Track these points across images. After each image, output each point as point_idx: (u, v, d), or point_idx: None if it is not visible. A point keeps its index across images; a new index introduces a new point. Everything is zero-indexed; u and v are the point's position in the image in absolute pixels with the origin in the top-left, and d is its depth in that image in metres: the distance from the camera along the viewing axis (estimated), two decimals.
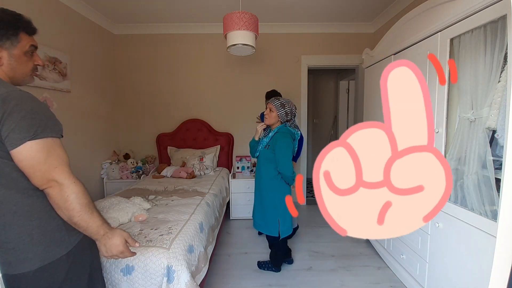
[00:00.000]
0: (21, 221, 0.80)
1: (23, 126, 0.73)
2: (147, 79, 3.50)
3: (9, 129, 0.72)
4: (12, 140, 0.73)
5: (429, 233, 1.61)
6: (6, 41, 0.82)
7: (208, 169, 3.11)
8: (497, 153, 1.23)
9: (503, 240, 0.64)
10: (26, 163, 0.75)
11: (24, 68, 0.87)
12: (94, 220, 0.86)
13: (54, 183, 0.78)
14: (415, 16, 1.73)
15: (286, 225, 1.86)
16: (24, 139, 0.74)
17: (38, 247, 0.82)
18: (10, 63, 0.83)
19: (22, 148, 0.74)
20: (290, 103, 1.87)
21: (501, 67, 1.16)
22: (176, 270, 1.29)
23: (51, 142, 0.79)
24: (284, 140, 1.78)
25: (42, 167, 0.77)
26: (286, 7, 2.90)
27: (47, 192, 0.79)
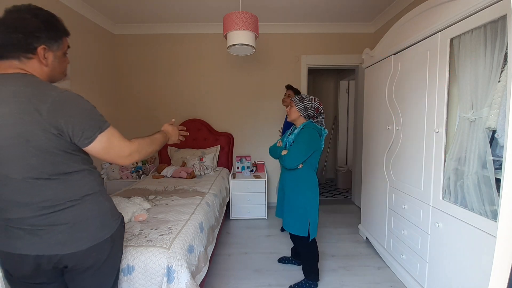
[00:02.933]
0: (79, 203, 0.91)
1: (91, 124, 0.85)
2: (147, 79, 3.49)
3: (81, 129, 0.83)
4: (87, 137, 0.84)
5: (429, 233, 1.61)
6: (54, 43, 0.90)
7: (208, 169, 3.11)
8: (497, 153, 1.23)
9: (503, 240, 0.64)
10: (102, 151, 0.89)
11: (62, 67, 0.96)
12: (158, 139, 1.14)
13: (130, 156, 0.96)
14: (415, 16, 1.73)
15: (314, 226, 1.78)
16: (96, 134, 0.86)
17: (91, 228, 0.93)
18: (53, 63, 0.91)
19: (97, 141, 0.87)
20: (312, 98, 1.80)
21: (501, 67, 1.16)
22: (176, 270, 1.29)
23: (111, 129, 0.92)
24: (307, 133, 1.72)
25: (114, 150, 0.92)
26: (286, 7, 2.90)
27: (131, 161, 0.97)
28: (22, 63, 0.85)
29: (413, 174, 1.78)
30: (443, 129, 1.48)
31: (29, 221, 0.86)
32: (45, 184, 0.84)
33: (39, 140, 0.79)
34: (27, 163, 0.81)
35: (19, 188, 0.83)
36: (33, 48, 0.84)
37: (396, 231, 1.98)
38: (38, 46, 0.84)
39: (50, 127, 0.79)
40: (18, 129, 0.77)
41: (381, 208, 2.21)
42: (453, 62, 1.43)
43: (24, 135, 0.78)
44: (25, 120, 0.77)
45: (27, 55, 0.85)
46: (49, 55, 0.88)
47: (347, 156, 4.93)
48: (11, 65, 0.84)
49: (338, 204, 3.75)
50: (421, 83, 1.66)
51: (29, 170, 0.82)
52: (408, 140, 1.84)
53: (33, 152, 0.80)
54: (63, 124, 0.79)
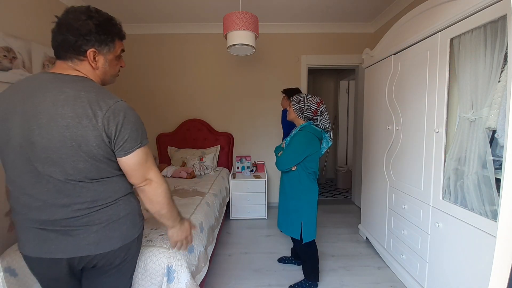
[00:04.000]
0: (114, 203, 0.91)
1: (133, 136, 0.85)
2: (147, 79, 3.49)
3: (123, 139, 0.84)
4: (126, 148, 0.85)
5: (429, 233, 1.61)
6: (105, 47, 0.89)
7: (208, 169, 3.11)
8: (497, 153, 1.23)
9: (503, 240, 0.64)
10: (133, 166, 0.89)
11: (113, 71, 0.97)
12: (176, 210, 1.06)
13: (149, 181, 0.93)
14: (415, 16, 1.73)
15: (309, 229, 1.77)
16: (134, 148, 0.87)
17: (123, 227, 0.94)
18: (104, 67, 0.91)
19: (133, 155, 0.87)
20: (309, 99, 1.74)
21: (501, 67, 1.16)
22: (176, 270, 1.29)
23: (147, 147, 0.92)
24: (300, 136, 1.69)
25: (143, 168, 0.91)
26: (286, 7, 2.90)
27: (142, 189, 0.94)
28: (75, 64, 0.85)
29: (413, 174, 1.78)
30: (443, 129, 1.48)
31: (65, 222, 0.85)
32: (86, 186, 0.85)
33: (90, 146, 0.80)
34: (74, 166, 0.81)
35: (60, 189, 0.83)
36: (83, 50, 0.84)
37: (396, 231, 1.98)
38: (88, 49, 0.84)
39: (103, 134, 0.80)
40: (74, 132, 0.78)
41: (381, 208, 2.21)
42: (453, 62, 1.43)
43: (78, 139, 0.78)
44: (82, 124, 0.78)
45: (79, 57, 0.85)
46: (100, 58, 0.88)
47: (347, 156, 4.93)
48: (67, 66, 0.85)
49: (338, 204, 3.75)
50: (421, 83, 1.66)
51: (74, 174, 0.82)
52: (408, 140, 1.84)
53: (83, 157, 0.81)
54: (113, 132, 0.81)
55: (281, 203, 1.89)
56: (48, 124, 0.77)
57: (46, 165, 0.80)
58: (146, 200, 0.96)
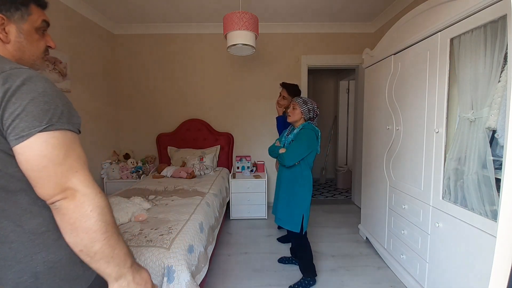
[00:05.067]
0: (22, 254, 0.57)
1: (33, 111, 0.52)
2: (147, 79, 3.49)
3: (13, 115, 0.51)
4: (17, 130, 0.52)
5: (429, 233, 1.61)
6: (15, 11, 0.63)
7: (208, 169, 3.11)
8: (497, 153, 1.23)
9: (503, 240, 0.64)
10: (35, 163, 0.53)
11: (34, 49, 0.69)
12: (122, 245, 0.61)
13: (71, 193, 0.56)
14: (415, 16, 1.73)
15: (307, 220, 1.87)
16: (33, 129, 0.52)
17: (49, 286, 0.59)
18: (19, 40, 0.65)
19: (31, 141, 0.52)
20: (312, 101, 1.90)
21: (501, 67, 1.16)
22: (176, 270, 1.29)
23: (70, 137, 0.58)
24: (307, 134, 1.80)
25: (57, 169, 0.55)
26: (286, 7, 2.90)
27: (59, 206, 0.55)
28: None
29: (413, 174, 1.78)
30: (443, 129, 1.48)
31: None
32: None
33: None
34: None
35: None
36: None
37: (396, 231, 1.98)
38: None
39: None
40: None
41: (381, 208, 2.21)
42: (453, 62, 1.43)
43: None
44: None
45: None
46: (11, 28, 0.63)
47: (347, 156, 4.93)
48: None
49: (338, 204, 3.75)
50: (421, 83, 1.66)
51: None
52: (408, 140, 1.84)
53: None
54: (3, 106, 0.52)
55: (281, 199, 1.92)
56: None
57: None
58: (65, 227, 0.56)
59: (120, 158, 3.34)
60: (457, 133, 1.41)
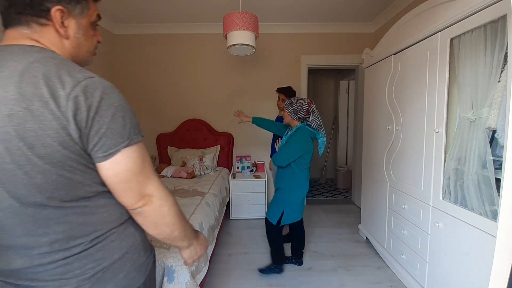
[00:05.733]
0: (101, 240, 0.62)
1: (116, 128, 0.55)
2: (147, 79, 3.49)
3: (99, 133, 0.54)
4: (105, 148, 0.55)
5: (429, 233, 1.61)
6: (76, 6, 0.61)
7: (208, 169, 3.11)
8: (497, 153, 1.23)
9: (503, 240, 0.64)
10: (122, 177, 0.58)
11: (89, 45, 0.67)
12: (188, 223, 0.75)
13: (149, 199, 0.62)
14: (415, 16, 1.73)
15: (287, 217, 1.96)
16: (119, 146, 0.56)
17: (119, 275, 0.64)
18: (77, 36, 0.62)
19: (118, 157, 0.56)
20: (301, 101, 1.90)
21: (501, 67, 1.16)
22: (176, 270, 1.29)
23: (142, 147, 0.62)
24: (297, 138, 1.87)
25: (138, 180, 0.60)
26: (286, 7, 2.90)
27: (140, 211, 0.63)
28: (34, 31, 0.57)
29: (413, 174, 1.78)
30: (443, 129, 1.48)
31: (29, 273, 0.57)
32: (55, 216, 0.55)
33: (49, 147, 0.50)
34: (28, 182, 0.51)
35: (14, 222, 0.54)
36: (45, 9, 0.56)
37: (396, 231, 1.98)
38: (51, 6, 0.57)
39: (69, 125, 0.51)
40: (20, 124, 0.49)
41: (381, 208, 2.21)
42: (453, 62, 1.43)
43: (28, 136, 0.49)
44: (32, 112, 0.49)
45: (39, 20, 0.57)
46: (70, 22, 0.60)
47: (347, 156, 4.93)
48: (20, 35, 0.57)
49: (338, 204, 3.75)
50: (421, 83, 1.66)
51: (30, 194, 0.52)
52: (408, 140, 1.84)
53: (40, 165, 0.51)
54: (83, 120, 0.52)
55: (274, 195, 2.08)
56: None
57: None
58: (148, 225, 0.66)
59: None
60: (457, 133, 1.41)
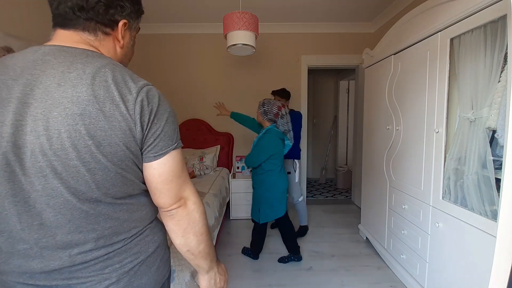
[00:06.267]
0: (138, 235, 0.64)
1: (169, 132, 0.60)
2: (146, 79, 3.44)
3: (155, 135, 0.58)
4: (158, 148, 0.59)
5: (429, 233, 1.61)
6: (135, 20, 0.66)
7: (208, 169, 3.11)
8: (497, 153, 1.23)
9: (503, 240, 0.64)
10: (165, 177, 0.61)
11: (131, 54, 0.72)
12: (212, 243, 0.72)
13: (184, 202, 0.64)
14: (415, 16, 1.73)
15: (266, 213, 2.10)
16: (170, 148, 0.60)
17: (152, 268, 0.67)
18: (128, 46, 0.68)
19: (167, 159, 0.60)
20: (272, 104, 2.04)
21: (501, 67, 1.16)
22: (176, 270, 1.29)
23: (181, 152, 0.66)
24: (265, 139, 2.00)
25: (178, 182, 0.63)
26: (286, 7, 2.90)
27: (174, 213, 0.64)
28: (97, 38, 0.60)
29: (413, 174, 1.78)
30: (443, 129, 1.48)
31: (68, 273, 0.56)
32: (106, 212, 0.57)
33: (115, 146, 0.53)
34: (89, 178, 0.53)
35: (66, 219, 0.54)
36: (114, 20, 0.61)
37: (396, 231, 1.98)
38: (120, 19, 0.61)
39: (135, 127, 0.55)
40: (92, 123, 0.51)
41: (381, 208, 2.21)
42: (453, 62, 1.43)
43: (98, 135, 0.51)
44: (105, 113, 0.52)
45: (105, 29, 0.61)
46: (127, 34, 0.66)
47: (347, 156, 4.93)
48: (80, 39, 0.58)
49: (338, 204, 3.75)
50: (421, 83, 1.66)
51: (88, 190, 0.54)
52: (408, 140, 1.84)
53: (103, 163, 0.53)
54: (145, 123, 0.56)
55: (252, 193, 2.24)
56: (49, 113, 0.49)
57: (41, 180, 0.51)
58: (177, 231, 0.66)
59: None
60: (457, 133, 1.41)
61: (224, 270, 0.81)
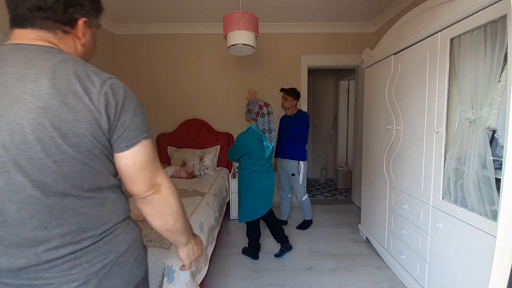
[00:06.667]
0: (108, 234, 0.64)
1: (137, 122, 0.63)
2: (147, 79, 3.49)
3: (124, 126, 0.60)
4: (129, 138, 0.61)
5: (429, 233, 1.61)
6: (96, 17, 0.67)
7: (208, 169, 3.11)
8: (497, 153, 1.23)
9: (503, 240, 0.64)
10: (138, 165, 0.64)
11: (93, 51, 0.73)
12: (187, 219, 0.79)
13: (158, 188, 0.68)
14: (415, 16, 1.73)
15: (243, 212, 2.13)
16: (140, 137, 0.63)
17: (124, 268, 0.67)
18: (89, 43, 0.69)
19: (139, 148, 0.63)
20: (255, 103, 2.03)
21: (501, 67, 1.16)
22: (176, 270, 1.29)
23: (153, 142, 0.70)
24: (241, 136, 2.03)
25: (151, 169, 0.67)
26: (286, 7, 2.90)
27: (150, 199, 0.67)
28: (56, 36, 0.61)
29: (413, 174, 1.78)
30: (443, 129, 1.48)
31: (33, 272, 0.55)
32: (72, 205, 0.57)
33: (81, 137, 0.55)
34: (55, 170, 0.54)
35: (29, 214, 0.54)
36: (73, 19, 0.62)
37: (396, 231, 1.98)
38: (79, 17, 0.63)
39: (101, 118, 0.56)
40: (55, 116, 0.52)
41: (381, 208, 2.21)
42: (453, 62, 1.43)
43: (63, 127, 0.53)
44: (67, 105, 0.53)
45: (65, 28, 0.61)
46: (87, 32, 0.67)
47: (347, 156, 4.93)
48: (38, 36, 0.59)
49: (338, 204, 3.75)
50: (421, 83, 1.66)
51: (54, 183, 0.54)
52: (408, 140, 1.84)
53: (70, 154, 0.54)
54: (112, 114, 0.58)
55: None
56: (10, 108, 0.51)
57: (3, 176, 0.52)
58: (154, 214, 0.70)
59: None
60: (457, 133, 1.41)
61: (200, 241, 0.89)
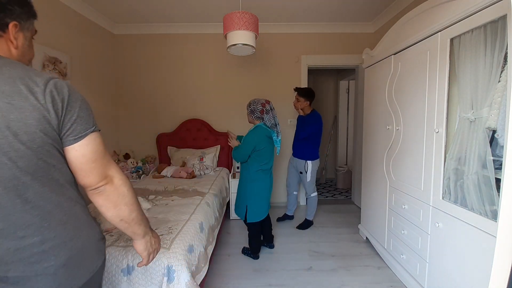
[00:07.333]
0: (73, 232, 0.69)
1: (84, 116, 0.66)
2: (147, 79, 3.49)
3: (71, 120, 0.64)
4: (77, 131, 0.65)
5: (429, 233, 1.61)
6: (27, 21, 0.71)
7: (208, 169, 3.11)
8: (497, 153, 1.23)
9: (503, 240, 0.64)
10: (88, 157, 0.67)
11: (30, 54, 0.77)
12: (143, 211, 0.83)
13: (110, 179, 0.72)
14: (415, 16, 1.73)
15: (253, 212, 2.13)
16: (88, 130, 0.67)
17: (87, 260, 0.73)
18: (23, 46, 0.72)
19: (87, 140, 0.67)
20: (256, 102, 2.07)
21: (501, 67, 1.16)
22: (176, 270, 1.29)
23: (101, 136, 0.72)
24: (251, 134, 2.04)
25: (103, 161, 0.70)
26: (286, 7, 2.90)
27: (102, 190, 0.71)
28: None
29: (413, 174, 1.78)
30: (443, 129, 1.48)
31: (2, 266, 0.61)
32: (32, 199, 0.62)
33: (32, 133, 0.59)
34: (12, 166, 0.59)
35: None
36: (4, 23, 0.66)
37: (396, 231, 1.98)
38: (10, 21, 0.66)
39: (48, 114, 0.61)
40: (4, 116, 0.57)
41: (381, 208, 2.21)
42: (453, 62, 1.43)
43: (13, 125, 0.57)
44: (14, 105, 0.57)
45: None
46: (19, 35, 0.70)
47: (347, 156, 4.93)
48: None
49: (338, 204, 3.75)
50: (421, 83, 1.66)
51: (15, 177, 0.59)
52: (408, 140, 1.84)
53: (22, 149, 0.59)
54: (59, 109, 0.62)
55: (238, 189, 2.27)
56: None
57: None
58: (108, 205, 0.73)
59: (120, 158, 3.34)
60: (457, 133, 1.41)
61: (157, 234, 0.93)
